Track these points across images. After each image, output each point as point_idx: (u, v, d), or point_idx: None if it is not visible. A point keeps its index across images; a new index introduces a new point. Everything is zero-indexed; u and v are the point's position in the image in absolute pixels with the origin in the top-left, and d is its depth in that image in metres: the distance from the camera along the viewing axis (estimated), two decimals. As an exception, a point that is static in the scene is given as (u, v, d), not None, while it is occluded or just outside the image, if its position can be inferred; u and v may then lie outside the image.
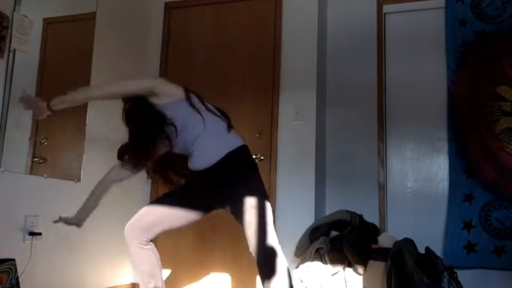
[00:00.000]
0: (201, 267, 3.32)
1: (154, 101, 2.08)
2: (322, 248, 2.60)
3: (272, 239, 1.95)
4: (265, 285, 1.90)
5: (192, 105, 2.09)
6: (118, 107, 3.37)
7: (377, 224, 3.01)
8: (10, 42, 2.48)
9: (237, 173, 2.03)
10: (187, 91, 2.14)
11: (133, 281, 3.44)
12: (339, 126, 3.43)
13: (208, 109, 2.15)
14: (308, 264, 2.58)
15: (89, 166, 3.01)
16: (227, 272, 3.26)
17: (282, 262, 1.92)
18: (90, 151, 3.01)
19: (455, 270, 2.55)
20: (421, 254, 2.52)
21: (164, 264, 3.44)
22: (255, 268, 2.00)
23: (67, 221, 2.21)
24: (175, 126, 2.05)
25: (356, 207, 2.87)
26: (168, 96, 2.08)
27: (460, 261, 2.90)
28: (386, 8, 3.45)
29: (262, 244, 1.93)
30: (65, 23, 2.99)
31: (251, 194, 1.99)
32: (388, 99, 3.37)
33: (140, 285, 2.09)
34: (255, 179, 2.07)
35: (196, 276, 3.32)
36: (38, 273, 2.58)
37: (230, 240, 3.26)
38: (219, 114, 2.18)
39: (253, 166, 2.11)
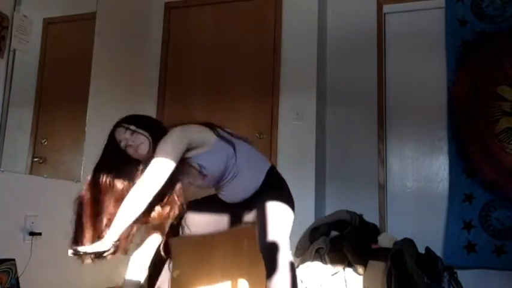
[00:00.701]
0: (201, 268, 3.32)
1: (188, 154, 1.87)
2: (322, 248, 2.60)
3: (274, 236, 1.90)
4: (268, 283, 1.88)
5: (223, 138, 1.95)
6: (118, 106, 3.38)
7: (377, 224, 3.01)
8: (10, 42, 2.48)
9: (263, 198, 1.98)
10: (209, 125, 1.97)
11: (133, 281, 3.44)
12: (339, 126, 3.43)
13: (233, 135, 2.03)
14: (308, 264, 2.58)
15: (89, 166, 2.98)
16: (227, 274, 3.26)
17: (283, 259, 1.86)
18: (90, 151, 3.01)
19: (455, 270, 2.55)
20: (421, 254, 2.52)
21: (164, 264, 3.43)
22: (255, 270, 2.00)
23: None
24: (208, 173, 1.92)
25: (356, 207, 2.86)
26: (204, 145, 1.89)
27: (460, 261, 2.90)
28: (386, 8, 3.45)
29: (264, 241, 1.91)
30: (65, 23, 2.99)
31: (263, 206, 1.95)
32: (388, 99, 3.37)
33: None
34: (277, 196, 2.01)
35: (196, 277, 3.32)
36: (38, 273, 2.57)
37: (230, 242, 3.26)
38: (239, 136, 2.07)
39: (277, 189, 2.04)
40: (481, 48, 3.13)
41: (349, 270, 2.52)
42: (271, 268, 1.85)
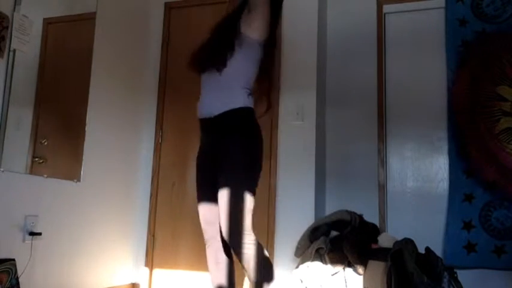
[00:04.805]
0: (201, 267, 3.32)
1: None
2: (322, 248, 2.60)
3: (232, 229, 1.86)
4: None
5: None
6: (118, 106, 3.38)
7: (377, 224, 3.01)
8: (10, 42, 2.48)
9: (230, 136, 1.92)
10: None
11: (133, 281, 3.44)
12: (339, 126, 3.43)
13: None
14: (308, 264, 2.58)
15: (89, 166, 3.01)
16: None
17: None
18: (90, 151, 3.01)
19: (455, 270, 2.55)
20: (421, 254, 2.52)
21: (164, 264, 3.45)
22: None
23: None
24: None
25: (356, 207, 2.87)
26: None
27: (460, 261, 2.90)
28: (386, 8, 3.45)
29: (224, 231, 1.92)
30: (65, 23, 2.99)
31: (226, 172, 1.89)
32: (388, 99, 3.37)
33: None
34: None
35: (195, 276, 3.32)
36: (38, 273, 2.58)
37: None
38: None
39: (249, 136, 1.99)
40: (481, 48, 3.13)
41: (349, 270, 2.52)
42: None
